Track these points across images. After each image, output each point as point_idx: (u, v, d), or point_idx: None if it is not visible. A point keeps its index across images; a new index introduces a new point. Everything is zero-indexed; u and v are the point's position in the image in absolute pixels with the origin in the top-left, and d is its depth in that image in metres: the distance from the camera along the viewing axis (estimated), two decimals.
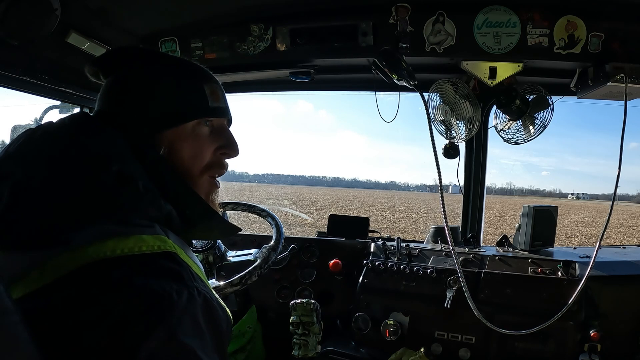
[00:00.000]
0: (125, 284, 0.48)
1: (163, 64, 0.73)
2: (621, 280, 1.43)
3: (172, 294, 0.49)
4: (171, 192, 0.63)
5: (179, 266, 0.54)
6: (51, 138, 0.59)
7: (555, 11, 1.41)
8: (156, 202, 0.59)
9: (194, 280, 0.54)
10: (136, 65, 0.71)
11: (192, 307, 0.50)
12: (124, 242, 0.51)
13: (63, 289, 0.47)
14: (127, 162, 0.59)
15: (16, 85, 1.36)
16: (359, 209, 22.26)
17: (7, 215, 0.52)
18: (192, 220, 0.65)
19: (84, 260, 0.49)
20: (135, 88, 0.69)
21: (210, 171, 0.71)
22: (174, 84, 0.69)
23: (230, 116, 0.76)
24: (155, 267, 0.52)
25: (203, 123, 0.70)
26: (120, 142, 0.61)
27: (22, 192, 0.53)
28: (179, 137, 0.67)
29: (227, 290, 1.26)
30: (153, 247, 0.53)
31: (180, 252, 0.57)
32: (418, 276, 1.53)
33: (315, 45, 1.60)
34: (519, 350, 1.37)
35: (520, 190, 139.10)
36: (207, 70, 0.75)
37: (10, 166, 0.55)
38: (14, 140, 0.60)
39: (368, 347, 1.51)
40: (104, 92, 0.70)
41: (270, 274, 1.74)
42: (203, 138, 0.70)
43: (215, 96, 0.72)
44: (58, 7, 1.23)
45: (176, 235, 0.62)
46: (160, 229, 0.58)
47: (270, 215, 1.49)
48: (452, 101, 1.62)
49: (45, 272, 0.48)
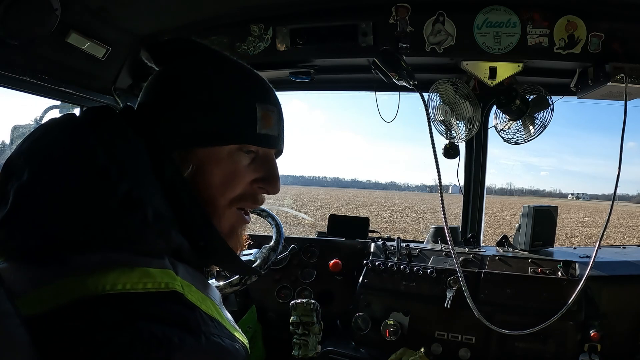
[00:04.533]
0: (125, 327, 0.44)
1: (221, 68, 0.63)
2: (621, 280, 1.43)
3: (173, 340, 0.45)
4: (186, 219, 0.55)
5: (186, 309, 0.49)
6: (65, 138, 0.53)
7: (555, 11, 1.41)
8: (165, 234, 0.52)
9: (202, 324, 0.49)
10: (191, 62, 0.62)
11: (194, 356, 0.47)
12: (128, 276, 0.47)
13: (60, 320, 0.44)
14: (140, 181, 0.52)
15: (16, 85, 1.36)
16: (359, 209, 22.27)
17: (10, 220, 0.49)
18: (205, 253, 0.58)
19: (83, 293, 0.45)
20: (182, 88, 0.60)
21: (241, 203, 0.62)
22: (225, 95, 0.60)
23: (281, 147, 0.66)
24: (159, 310, 0.47)
25: (244, 150, 0.60)
26: (139, 152, 0.54)
27: (25, 196, 0.49)
28: (213, 159, 0.59)
29: (227, 291, 1.26)
30: (160, 284, 0.48)
31: (189, 291, 0.51)
32: (418, 276, 1.53)
33: (315, 45, 1.60)
34: (519, 350, 1.36)
35: (520, 191, 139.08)
36: (269, 87, 0.65)
37: (20, 164, 0.51)
38: (31, 132, 0.55)
39: (368, 347, 1.51)
40: (149, 83, 0.63)
41: (271, 274, 1.74)
42: (240, 166, 0.60)
43: (267, 121, 0.61)
44: (58, 7, 1.23)
45: (187, 265, 0.55)
46: (168, 262, 0.52)
47: (271, 216, 1.49)
48: (452, 101, 1.62)
49: (43, 297, 0.45)
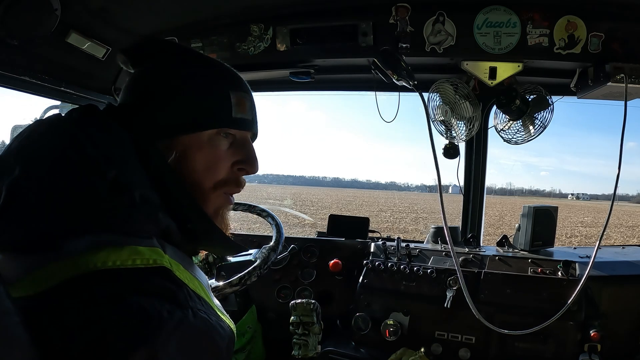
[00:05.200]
0: (115, 300, 0.45)
1: (191, 62, 0.67)
2: (621, 280, 1.43)
3: (162, 313, 0.46)
4: (173, 203, 0.59)
5: (174, 284, 0.51)
6: (53, 134, 0.56)
7: (555, 11, 1.41)
8: (153, 215, 0.55)
9: (189, 299, 0.51)
10: (163, 60, 0.66)
11: (183, 329, 0.48)
12: (117, 254, 0.49)
13: (53, 299, 0.45)
14: (127, 168, 0.55)
15: (16, 85, 1.36)
16: (359, 209, 22.27)
17: (3, 214, 0.50)
18: (193, 234, 0.61)
19: (74, 272, 0.46)
20: (155, 84, 0.64)
21: (225, 187, 0.66)
22: (197, 86, 0.64)
23: (255, 130, 0.70)
24: (149, 285, 0.49)
25: (222, 134, 0.64)
26: (124, 143, 0.57)
27: (18, 191, 0.51)
28: (194, 145, 0.62)
29: (226, 291, 1.26)
30: (148, 260, 0.51)
31: (177, 269, 0.54)
32: (418, 276, 1.53)
33: (315, 45, 1.60)
34: (519, 350, 1.36)
35: (520, 191, 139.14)
36: (240, 76, 0.70)
37: (10, 162, 0.53)
38: (19, 133, 0.57)
39: (368, 347, 1.51)
40: (127, 84, 0.67)
41: (271, 274, 1.74)
42: (220, 150, 0.64)
43: (241, 106, 0.66)
44: (58, 7, 1.23)
45: (176, 247, 0.58)
46: (157, 242, 0.54)
47: (271, 216, 1.49)
48: (452, 101, 1.62)
49: (36, 280, 0.47)
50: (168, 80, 0.64)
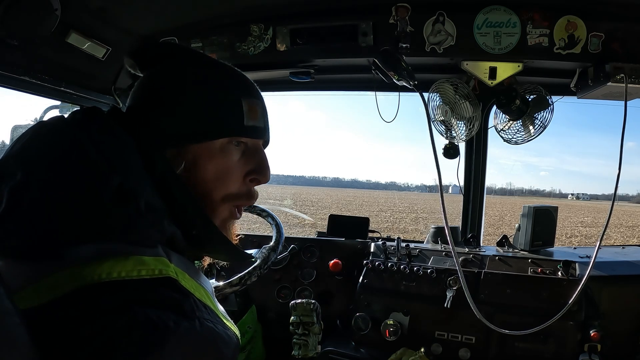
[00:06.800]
0: (120, 311, 0.45)
1: (202, 67, 0.64)
2: (621, 280, 1.43)
3: (168, 324, 0.46)
4: (178, 209, 0.57)
5: (180, 294, 0.51)
6: (55, 137, 0.54)
7: (555, 11, 1.41)
8: (158, 223, 0.54)
9: (196, 309, 0.51)
10: (172, 64, 0.64)
11: (189, 340, 0.48)
12: (122, 264, 0.48)
13: (58, 310, 0.45)
14: (131, 174, 0.53)
15: (16, 85, 1.36)
16: (359, 209, 22.26)
17: (5, 219, 0.49)
18: (198, 241, 0.60)
19: (79, 283, 0.46)
20: (164, 89, 0.62)
21: (237, 201, 0.64)
22: (208, 92, 0.62)
23: (267, 137, 0.68)
24: (154, 295, 0.48)
25: (234, 143, 0.62)
26: (128, 148, 0.56)
27: (19, 196, 0.49)
28: (204, 154, 0.60)
29: (226, 291, 1.26)
30: (154, 271, 0.50)
31: (183, 278, 0.53)
32: (418, 276, 1.53)
33: (315, 45, 1.60)
34: (519, 350, 1.36)
35: (520, 191, 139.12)
36: (251, 82, 0.67)
37: (12, 166, 0.52)
38: (21, 135, 0.55)
39: (368, 347, 1.51)
40: (135, 88, 0.65)
41: (271, 274, 1.74)
42: (232, 160, 0.62)
43: (253, 113, 0.64)
44: (58, 7, 1.23)
45: (181, 255, 0.57)
46: (162, 250, 0.53)
47: (271, 216, 1.49)
48: (452, 101, 1.62)
49: (41, 290, 0.46)
50: (177, 86, 0.62)
